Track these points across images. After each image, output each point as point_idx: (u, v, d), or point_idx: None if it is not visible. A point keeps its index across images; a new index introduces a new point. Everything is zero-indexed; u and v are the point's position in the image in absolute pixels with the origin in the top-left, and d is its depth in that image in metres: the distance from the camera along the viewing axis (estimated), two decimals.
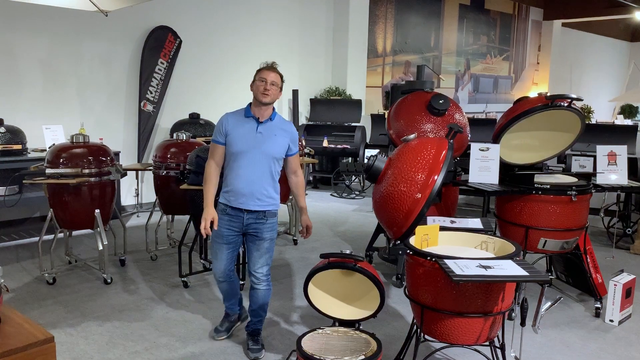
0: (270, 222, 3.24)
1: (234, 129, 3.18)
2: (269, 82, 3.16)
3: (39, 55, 6.26)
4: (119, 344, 3.52)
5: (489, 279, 2.20)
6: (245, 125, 3.19)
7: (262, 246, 3.23)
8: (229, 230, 3.23)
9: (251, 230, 3.22)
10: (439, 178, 2.47)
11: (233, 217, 3.21)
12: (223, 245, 3.27)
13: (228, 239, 3.26)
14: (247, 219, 3.20)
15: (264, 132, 3.17)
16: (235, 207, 3.19)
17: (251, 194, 3.14)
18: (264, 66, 3.25)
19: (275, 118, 3.26)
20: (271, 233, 3.26)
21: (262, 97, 3.15)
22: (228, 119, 3.24)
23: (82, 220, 4.52)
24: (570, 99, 4.07)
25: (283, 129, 3.25)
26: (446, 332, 2.61)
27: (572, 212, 3.99)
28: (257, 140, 3.15)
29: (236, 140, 3.16)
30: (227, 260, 3.31)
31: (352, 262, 2.61)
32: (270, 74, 3.20)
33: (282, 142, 3.22)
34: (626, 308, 4.03)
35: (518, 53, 14.10)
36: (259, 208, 3.18)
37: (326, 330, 2.76)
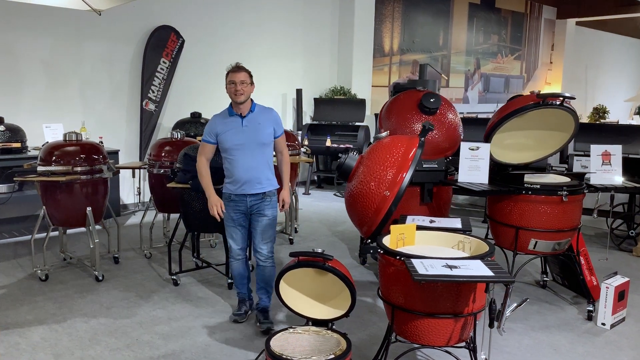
0: (272, 200, 3.65)
1: (223, 128, 3.57)
2: (238, 82, 3.51)
3: (41, 54, 6.34)
4: (102, 341, 3.54)
5: (450, 278, 2.15)
6: (232, 123, 3.58)
7: (263, 222, 3.62)
8: (237, 214, 3.65)
9: (255, 211, 3.63)
10: (407, 175, 2.43)
11: (238, 202, 3.62)
12: (236, 228, 3.69)
13: (238, 221, 3.67)
14: (250, 201, 3.60)
15: (249, 124, 3.56)
16: (239, 193, 3.59)
17: (251, 180, 3.55)
18: (231, 68, 3.59)
19: (255, 109, 3.64)
20: (272, 210, 3.66)
21: (237, 97, 3.53)
22: (216, 120, 3.65)
23: (74, 218, 4.56)
24: (563, 97, 3.99)
25: (265, 116, 3.64)
26: (417, 333, 2.57)
27: (564, 212, 3.91)
28: (245, 134, 3.54)
29: (228, 137, 3.55)
30: (241, 239, 3.73)
31: (321, 261, 2.58)
32: (238, 74, 3.53)
33: (268, 128, 3.61)
34: (619, 311, 3.94)
35: (530, 52, 13.91)
36: (260, 190, 3.59)
37: (298, 329, 2.73)
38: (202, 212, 4.32)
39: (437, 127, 4.41)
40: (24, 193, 5.72)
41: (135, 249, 5.47)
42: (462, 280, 2.16)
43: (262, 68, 8.58)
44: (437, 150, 4.43)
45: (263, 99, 8.59)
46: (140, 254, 5.30)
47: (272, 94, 8.83)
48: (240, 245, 3.75)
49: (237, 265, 3.82)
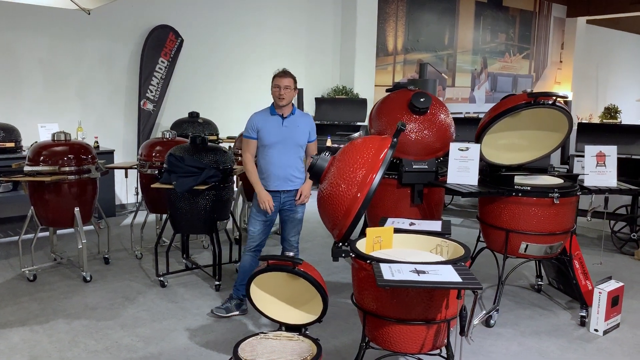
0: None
1: (264, 126, 3.75)
2: (283, 87, 3.68)
3: (39, 54, 6.34)
4: (81, 343, 3.50)
5: (414, 284, 2.07)
6: (272, 121, 3.76)
7: (295, 218, 3.87)
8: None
9: (287, 206, 3.84)
10: (377, 176, 2.35)
11: (272, 197, 3.78)
12: (263, 222, 3.84)
13: (268, 215, 3.82)
14: (284, 198, 3.81)
15: (288, 125, 3.76)
16: (272, 190, 3.76)
17: (285, 177, 3.75)
18: (277, 73, 3.77)
19: (295, 112, 3.84)
20: (302, 207, 3.91)
21: (279, 101, 3.71)
22: (257, 117, 3.82)
23: (62, 218, 4.53)
24: (555, 97, 3.88)
25: (303, 120, 3.86)
26: (389, 340, 2.49)
27: (555, 215, 3.81)
28: (283, 132, 3.74)
29: (267, 134, 3.74)
30: (262, 234, 3.86)
31: (290, 265, 2.51)
32: (283, 79, 3.71)
33: (304, 131, 3.83)
34: (612, 317, 3.82)
35: (539, 51, 13.70)
36: (292, 187, 3.79)
37: (269, 335, 2.67)
38: (188, 213, 4.28)
39: (427, 127, 4.32)
40: (19, 193, 5.72)
41: (127, 250, 5.44)
42: (425, 286, 2.08)
43: (263, 68, 8.53)
44: (428, 151, 4.34)
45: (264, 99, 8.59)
46: (132, 255, 5.27)
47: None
48: (258, 240, 3.86)
49: (247, 259, 3.87)
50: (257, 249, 3.88)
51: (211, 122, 7.07)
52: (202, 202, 4.25)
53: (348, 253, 2.54)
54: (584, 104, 14.93)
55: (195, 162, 4.11)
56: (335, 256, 2.53)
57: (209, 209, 4.29)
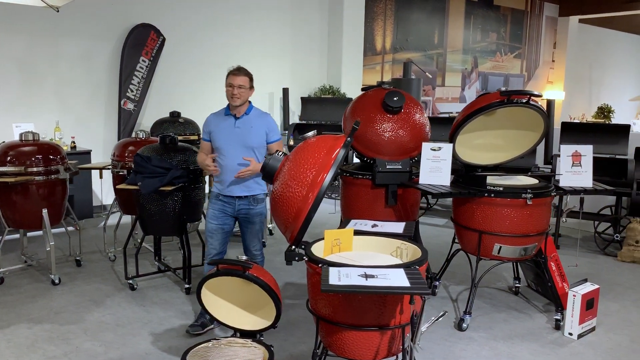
0: (259, 207, 3.68)
1: (216, 127, 3.61)
2: (236, 86, 3.49)
3: (15, 53, 6.24)
4: (40, 348, 3.41)
5: (358, 290, 1.98)
6: (225, 122, 3.60)
7: (254, 227, 3.70)
8: (222, 213, 3.65)
9: (242, 215, 3.66)
10: (327, 176, 2.26)
11: (226, 202, 3.64)
12: (218, 227, 3.66)
13: (222, 220, 3.66)
14: (239, 205, 3.63)
15: (241, 126, 3.57)
16: (227, 194, 3.61)
17: (239, 183, 3.56)
18: (231, 70, 3.56)
19: (251, 112, 3.63)
20: (260, 216, 3.71)
21: (233, 101, 3.53)
22: (211, 118, 3.69)
23: (30, 220, 4.45)
24: (530, 95, 3.79)
25: (259, 120, 3.62)
26: (342, 346, 2.41)
27: (529, 216, 3.72)
28: (236, 134, 3.55)
29: (218, 136, 3.59)
30: (221, 241, 3.69)
31: (240, 269, 2.42)
32: (237, 78, 3.51)
33: (259, 132, 3.59)
34: (587, 320, 3.73)
35: (531, 50, 13.62)
36: (247, 193, 3.61)
37: (221, 341, 2.58)
38: (157, 215, 4.19)
39: (402, 126, 4.23)
40: None
41: (102, 252, 5.35)
42: (368, 292, 1.99)
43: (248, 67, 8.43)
44: (403, 151, 4.25)
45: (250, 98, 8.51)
46: (106, 257, 5.18)
47: (259, 93, 8.67)
48: (218, 249, 3.68)
49: (209, 269, 3.55)
50: (221, 256, 3.71)
51: (192, 122, 6.97)
52: (171, 203, 4.16)
53: (301, 256, 2.45)
54: (577, 103, 14.85)
55: (162, 163, 4.02)
56: (289, 260, 2.44)
57: (177, 211, 4.20)
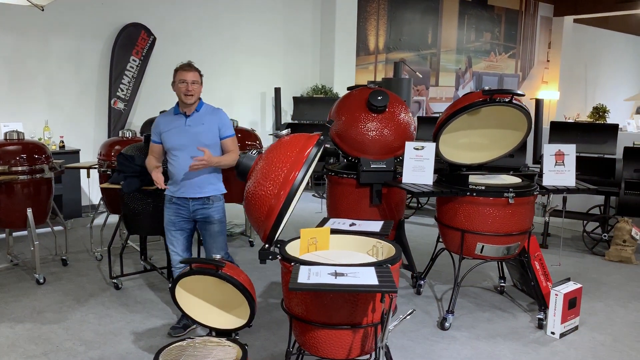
0: (217, 205, 3.50)
1: (166, 127, 3.46)
2: (190, 82, 3.37)
3: (3, 52, 6.23)
4: (20, 347, 3.40)
5: (326, 288, 1.98)
6: (175, 122, 3.46)
7: (212, 230, 3.50)
8: (178, 217, 3.50)
9: (199, 217, 3.49)
10: (299, 174, 2.26)
11: (180, 205, 3.49)
12: (177, 233, 3.53)
13: (180, 225, 3.52)
14: (193, 205, 3.47)
15: (192, 124, 3.43)
16: (180, 196, 3.46)
17: (192, 183, 3.42)
18: (181, 66, 3.43)
19: (201, 108, 3.49)
20: (219, 215, 3.52)
21: (187, 98, 3.39)
22: (161, 119, 3.56)
23: (14, 219, 4.44)
24: (512, 94, 3.79)
25: (210, 116, 3.47)
26: (315, 345, 2.40)
27: (512, 215, 3.72)
28: (188, 133, 3.40)
29: (169, 137, 3.44)
30: (183, 247, 3.55)
31: (213, 268, 2.42)
32: (189, 73, 3.39)
33: (211, 128, 3.44)
34: (570, 320, 3.73)
35: (526, 50, 13.62)
36: (201, 195, 3.45)
37: (196, 340, 2.57)
38: (140, 214, 4.18)
39: (386, 125, 4.23)
40: None
41: (89, 251, 5.34)
42: (335, 290, 1.99)
43: (240, 67, 8.46)
44: (387, 150, 4.25)
45: (242, 98, 8.52)
46: (93, 257, 5.17)
47: (251, 93, 8.70)
48: (182, 254, 3.56)
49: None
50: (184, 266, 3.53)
51: None
52: (154, 202, 4.15)
53: (275, 255, 2.45)
54: (572, 103, 14.85)
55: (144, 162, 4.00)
56: (262, 258, 2.44)
57: (161, 210, 4.18)
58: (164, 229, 3.59)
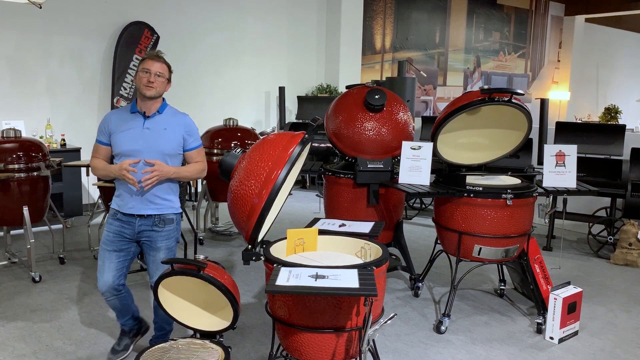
0: (168, 229, 2.99)
1: (119, 127, 2.91)
2: (154, 73, 2.90)
3: (6, 50, 6.25)
4: (10, 346, 3.38)
5: (304, 291, 1.92)
6: (131, 122, 2.92)
7: (157, 257, 2.98)
8: (118, 236, 2.96)
9: (144, 239, 2.97)
10: (281, 173, 2.20)
11: (124, 222, 2.95)
12: (112, 254, 2.96)
13: (118, 245, 2.96)
14: (140, 226, 2.94)
15: (152, 127, 2.91)
16: (126, 212, 2.93)
17: (142, 198, 2.90)
18: (148, 55, 2.96)
19: (164, 111, 3.00)
20: (167, 242, 3.00)
21: (146, 89, 2.88)
22: (111, 116, 2.99)
23: (10, 217, 4.43)
24: (511, 93, 3.71)
25: (175, 121, 2.99)
26: (298, 349, 2.35)
27: (510, 217, 3.63)
28: (145, 137, 2.88)
29: (122, 139, 2.89)
30: (116, 272, 2.98)
31: (194, 268, 2.37)
32: (155, 64, 2.92)
33: (174, 136, 2.95)
34: (569, 325, 3.64)
35: (536, 50, 13.46)
36: (153, 212, 2.93)
37: (179, 342, 2.53)
38: None
39: (384, 124, 4.16)
40: None
41: (87, 250, 5.32)
42: (313, 293, 1.93)
43: (244, 66, 8.42)
44: (385, 150, 4.18)
45: (245, 97, 8.49)
46: (91, 255, 5.16)
47: (255, 92, 8.66)
48: (112, 281, 2.96)
49: (113, 304, 3.07)
50: (118, 291, 3.01)
51: None
52: None
53: (258, 256, 2.39)
54: (583, 104, 14.66)
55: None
56: (246, 259, 2.39)
57: None
58: (99, 249, 3.03)
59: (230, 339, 3.46)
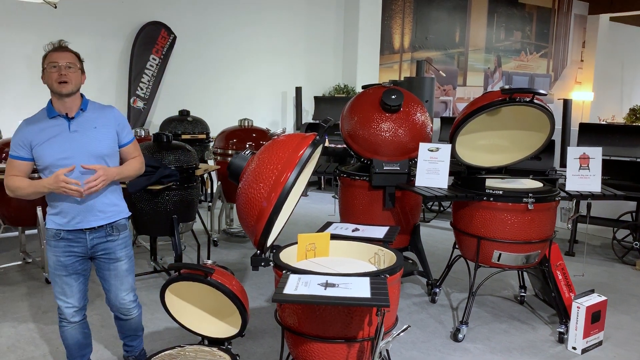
0: (123, 236, 2.73)
1: (41, 137, 2.53)
2: (64, 65, 2.52)
3: (25, 50, 6.27)
4: (20, 348, 3.36)
5: (311, 300, 1.84)
6: (53, 128, 2.55)
7: (120, 269, 2.72)
8: (71, 257, 2.62)
9: (100, 253, 2.67)
10: (291, 175, 2.12)
11: (72, 240, 2.61)
12: (70, 278, 2.65)
13: (74, 267, 2.64)
14: (92, 240, 2.63)
15: (79, 129, 2.56)
16: (72, 229, 2.59)
17: (89, 208, 2.58)
18: (51, 48, 2.58)
19: (88, 107, 2.64)
20: (126, 250, 2.75)
21: (61, 87, 2.51)
22: (27, 126, 2.57)
23: (24, 217, 4.41)
24: (533, 94, 3.57)
25: (103, 117, 2.66)
26: (308, 358, 2.26)
27: (531, 222, 3.50)
28: (74, 141, 2.53)
29: (48, 149, 2.51)
30: (81, 294, 2.72)
31: (201, 274, 2.30)
32: (62, 55, 2.55)
33: (107, 133, 2.63)
34: (593, 334, 3.49)
35: (558, 50, 13.19)
36: (105, 221, 2.64)
37: (187, 348, 2.46)
38: (148, 214, 4.11)
39: (401, 125, 4.06)
40: None
41: None
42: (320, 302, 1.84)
43: (261, 66, 8.37)
44: (402, 151, 4.08)
45: (262, 98, 8.43)
46: None
47: (272, 93, 8.60)
48: (77, 304, 2.71)
49: (72, 333, 2.76)
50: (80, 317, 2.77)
51: (201, 121, 6.92)
52: (162, 202, 4.07)
53: (267, 262, 2.31)
54: (606, 105, 14.34)
55: (151, 161, 3.93)
56: (254, 265, 2.31)
57: (169, 210, 4.11)
58: (50, 276, 2.71)
59: (242, 344, 3.38)
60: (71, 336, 2.78)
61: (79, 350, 2.83)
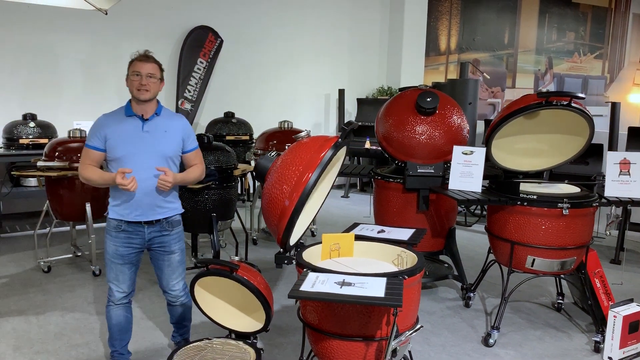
0: (177, 230, 2.98)
1: (115, 132, 2.79)
2: (145, 75, 2.77)
3: (79, 55, 6.61)
4: (66, 336, 3.55)
5: (325, 297, 1.89)
6: (128, 125, 2.80)
7: (173, 260, 2.96)
8: (129, 249, 2.87)
9: (156, 245, 2.91)
10: (312, 176, 2.18)
11: (132, 233, 2.85)
12: (124, 267, 2.89)
13: (129, 258, 2.89)
14: (150, 233, 2.88)
15: (151, 130, 2.82)
16: (132, 221, 2.83)
17: (150, 203, 2.82)
18: (136, 57, 2.84)
19: (162, 112, 2.91)
20: (180, 244, 3.00)
21: (140, 94, 2.77)
22: (106, 120, 2.84)
23: (74, 212, 4.66)
24: (570, 97, 3.51)
25: (174, 123, 2.91)
26: (328, 355, 2.32)
27: (566, 228, 3.44)
28: (145, 140, 2.79)
29: (120, 143, 2.77)
30: (131, 281, 2.97)
31: (227, 269, 2.39)
32: (145, 65, 2.80)
33: (175, 138, 2.88)
34: (630, 345, 3.39)
35: (615, 51, 12.72)
36: (161, 216, 2.87)
37: (214, 341, 2.56)
38: (188, 212, 4.25)
39: (436, 128, 4.06)
40: None
41: None
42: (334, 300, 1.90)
43: (304, 68, 8.49)
44: (437, 154, 4.08)
45: (305, 100, 8.54)
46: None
47: (315, 95, 8.70)
48: (127, 290, 2.95)
49: (118, 314, 2.97)
50: (127, 301, 2.98)
51: (245, 122, 7.09)
52: (202, 201, 4.22)
53: (290, 260, 2.39)
54: None
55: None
56: (278, 263, 2.38)
57: (208, 208, 4.25)
58: (106, 261, 2.93)
59: (273, 339, 3.48)
60: (116, 315, 2.98)
61: (120, 334, 3.02)
